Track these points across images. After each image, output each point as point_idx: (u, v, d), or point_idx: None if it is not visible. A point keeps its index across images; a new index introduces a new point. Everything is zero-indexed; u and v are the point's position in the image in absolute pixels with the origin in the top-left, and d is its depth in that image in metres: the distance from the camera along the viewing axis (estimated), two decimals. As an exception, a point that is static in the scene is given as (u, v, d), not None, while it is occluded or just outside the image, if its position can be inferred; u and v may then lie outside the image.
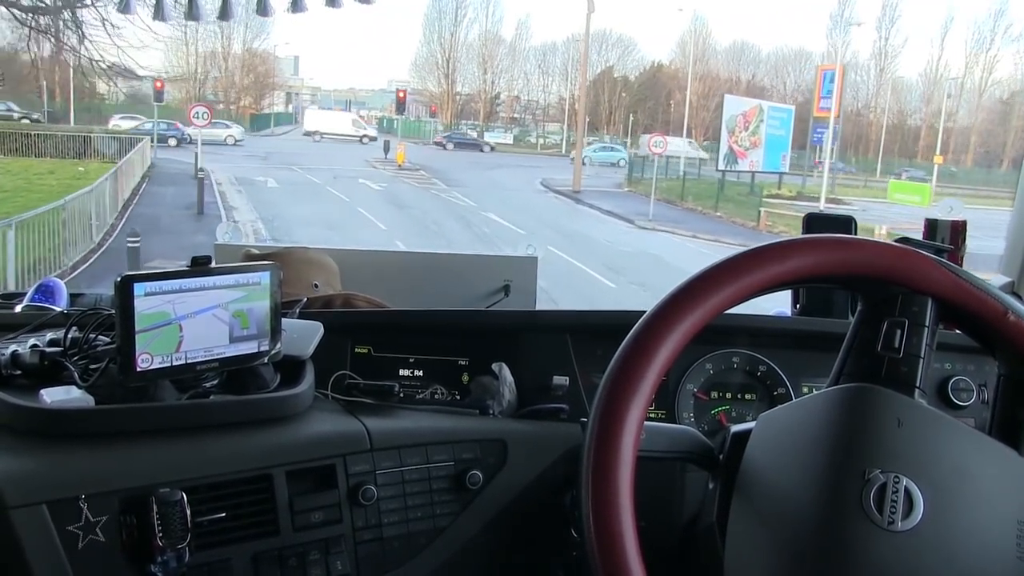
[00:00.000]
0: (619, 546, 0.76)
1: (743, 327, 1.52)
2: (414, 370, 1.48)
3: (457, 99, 51.18)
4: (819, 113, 27.78)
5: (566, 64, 51.68)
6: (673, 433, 1.00)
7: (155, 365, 1.09)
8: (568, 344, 1.48)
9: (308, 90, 57.97)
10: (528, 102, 53.86)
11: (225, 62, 47.12)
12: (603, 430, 0.79)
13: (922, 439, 0.82)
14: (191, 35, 45.44)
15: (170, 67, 46.44)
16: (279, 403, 1.18)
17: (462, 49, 51.12)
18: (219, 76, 47.41)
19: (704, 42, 48.32)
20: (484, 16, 54.53)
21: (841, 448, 0.83)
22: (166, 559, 0.99)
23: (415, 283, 1.88)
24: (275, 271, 1.19)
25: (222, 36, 46.36)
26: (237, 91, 47.61)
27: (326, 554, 1.12)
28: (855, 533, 0.79)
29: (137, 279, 1.06)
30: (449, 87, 50.89)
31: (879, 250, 0.87)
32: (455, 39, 50.76)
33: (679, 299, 0.84)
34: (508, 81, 52.91)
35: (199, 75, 46.35)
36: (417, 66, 52.30)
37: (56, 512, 0.96)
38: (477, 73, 51.90)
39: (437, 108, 49.68)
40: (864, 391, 0.86)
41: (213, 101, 45.46)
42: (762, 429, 0.91)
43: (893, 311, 0.88)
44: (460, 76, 51.66)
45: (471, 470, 1.25)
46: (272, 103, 50.61)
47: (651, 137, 26.40)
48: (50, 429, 1.05)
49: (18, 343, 1.20)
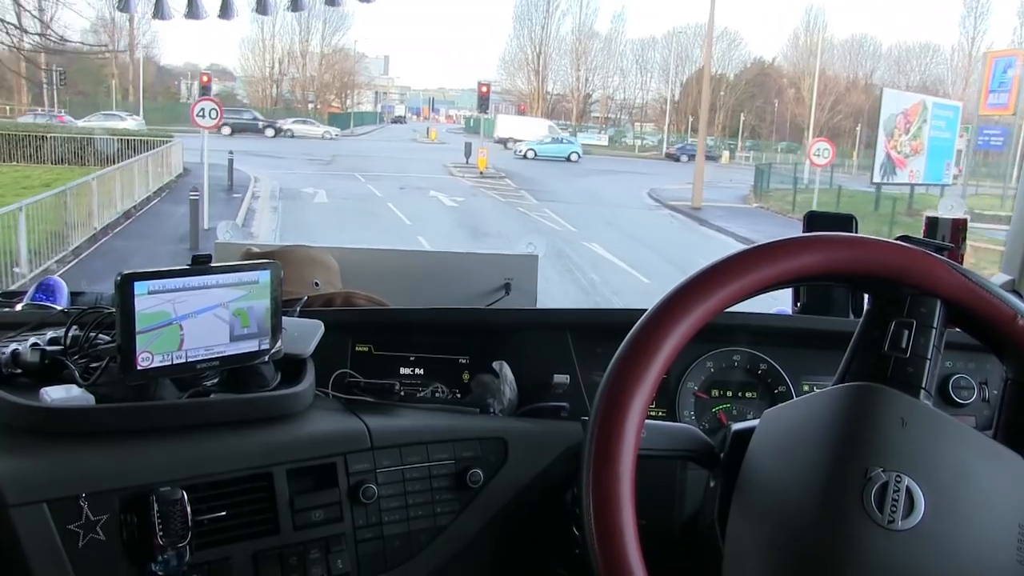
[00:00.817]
0: (620, 544, 0.76)
1: (744, 325, 1.52)
2: (415, 368, 1.48)
3: (548, 98, 48.20)
4: (987, 111, 22.67)
5: (666, 59, 48.41)
6: (674, 431, 1.00)
7: (156, 364, 1.09)
8: (569, 342, 1.48)
9: (397, 89, 57.17)
10: (624, 101, 50.46)
11: (303, 59, 45.66)
12: (604, 428, 0.79)
13: (926, 440, 0.82)
14: (267, 33, 44.89)
15: (247, 66, 46.29)
16: (280, 401, 1.18)
17: (553, 44, 48.22)
18: (297, 75, 45.96)
19: (820, 36, 44.83)
20: (577, 9, 52.11)
21: (844, 446, 0.83)
22: (166, 558, 0.99)
23: (416, 281, 1.87)
24: (275, 269, 1.19)
25: (300, 32, 45.18)
26: (316, 89, 45.97)
27: (326, 553, 1.12)
28: (855, 531, 0.78)
29: (138, 277, 1.06)
30: (539, 85, 47.95)
31: (890, 250, 0.87)
32: (546, 34, 47.84)
33: (682, 296, 0.84)
34: (603, 78, 49.65)
35: (276, 74, 45.31)
36: (506, 63, 49.59)
37: (56, 511, 0.96)
38: (569, 70, 48.79)
39: (526, 107, 46.92)
40: (869, 390, 0.85)
41: (289, 100, 44.83)
42: (766, 426, 0.91)
43: (901, 311, 0.88)
44: (551, 73, 48.62)
45: (472, 468, 1.25)
46: (357, 102, 49.38)
47: (813, 144, 20.84)
48: (51, 428, 1.05)
49: (18, 342, 1.20)
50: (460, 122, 45.63)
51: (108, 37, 40.03)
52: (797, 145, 41.42)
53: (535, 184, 22.86)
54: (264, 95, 45.11)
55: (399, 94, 57.60)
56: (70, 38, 27.38)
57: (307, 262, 1.73)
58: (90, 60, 39.80)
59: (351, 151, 29.27)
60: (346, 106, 47.52)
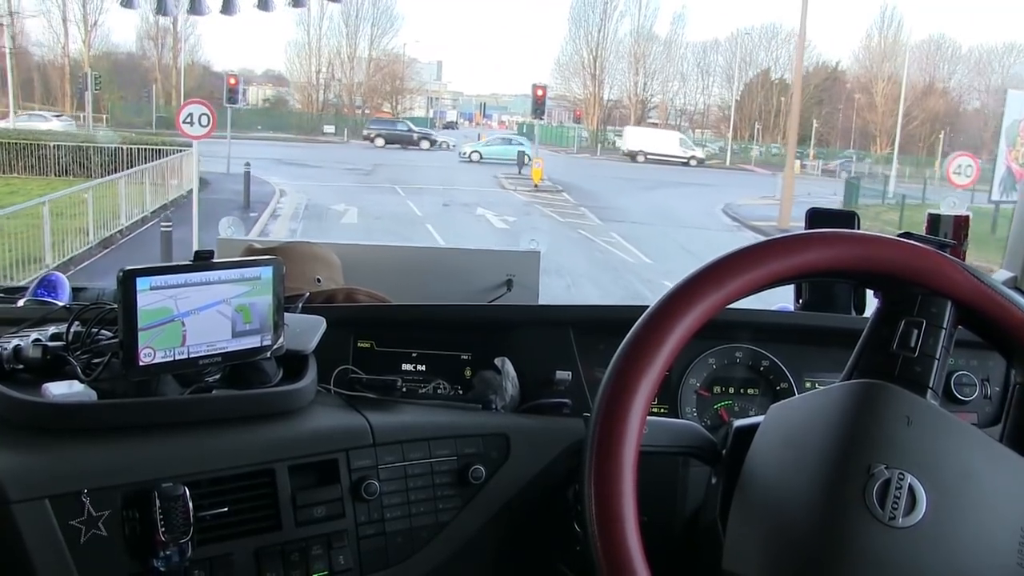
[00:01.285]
0: (622, 540, 0.76)
1: (746, 322, 1.52)
2: (417, 364, 1.48)
3: (604, 103, 45.52)
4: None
5: (730, 63, 45.32)
6: (676, 428, 1.00)
7: (158, 360, 1.09)
8: (571, 339, 1.48)
9: (449, 95, 55.84)
10: (683, 106, 47.41)
11: (351, 63, 43.64)
12: (606, 425, 0.79)
13: (930, 439, 0.82)
14: (313, 35, 42.80)
15: (292, 70, 44.41)
16: (282, 398, 1.18)
17: (611, 47, 45.38)
18: (344, 79, 43.92)
19: (895, 38, 42.31)
20: (636, 10, 47.90)
21: (848, 442, 0.83)
22: (168, 554, 0.99)
23: (418, 278, 1.87)
24: (278, 265, 1.19)
25: (347, 35, 43.12)
26: (363, 94, 44.14)
27: (328, 549, 1.12)
28: (855, 527, 0.79)
29: (140, 273, 1.06)
30: (595, 89, 45.08)
31: (901, 249, 0.87)
32: (603, 36, 44.96)
33: (686, 291, 0.84)
34: (662, 82, 46.55)
35: (323, 78, 43.42)
36: (561, 66, 46.61)
37: (58, 507, 0.96)
38: (627, 74, 45.87)
39: (582, 112, 44.39)
40: (876, 387, 0.85)
41: (337, 104, 43.23)
42: (770, 421, 0.91)
43: (911, 311, 0.88)
44: (608, 77, 45.69)
45: (474, 465, 1.25)
46: (409, 107, 47.52)
47: (952, 159, 15.71)
48: (53, 423, 1.05)
49: (20, 337, 1.20)
50: (512, 127, 43.43)
51: (152, 42, 39.39)
52: (865, 153, 39.27)
53: (597, 199, 19.89)
54: (310, 100, 43.61)
55: (452, 99, 56.28)
56: (115, 42, 26.52)
57: (309, 258, 1.73)
58: (133, 64, 38.96)
59: (396, 160, 26.86)
60: (397, 111, 45.53)
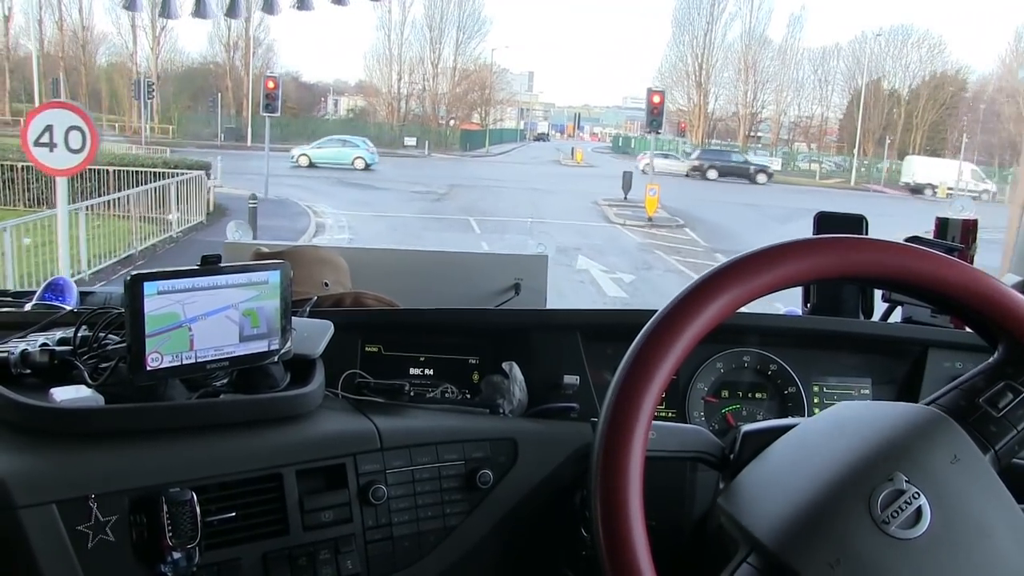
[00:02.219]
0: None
1: (754, 326, 1.52)
2: (424, 369, 1.48)
3: (710, 115, 42.13)
4: None
5: (852, 70, 41.34)
6: (684, 433, 1.00)
7: (165, 364, 1.09)
8: (579, 343, 1.48)
9: (541, 106, 54.17)
10: (798, 118, 43.33)
11: (435, 68, 40.82)
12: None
13: (965, 483, 0.80)
14: (395, 42, 40.48)
15: (372, 78, 42.29)
16: (289, 402, 1.18)
17: (718, 54, 42.30)
18: (428, 87, 41.10)
19: None
20: (747, 12, 43.95)
21: (886, 447, 0.83)
22: (176, 559, 0.99)
23: (425, 282, 1.87)
24: (285, 270, 1.19)
25: (431, 40, 40.45)
26: (447, 104, 41.52)
27: (336, 553, 1.12)
28: (846, 512, 0.79)
29: (147, 278, 1.06)
30: (701, 99, 41.86)
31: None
32: (709, 40, 41.63)
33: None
34: (774, 92, 42.91)
35: (404, 87, 40.86)
36: (662, 75, 42.62)
37: (66, 512, 0.96)
38: (736, 83, 42.32)
39: (687, 125, 40.55)
40: (944, 421, 0.84)
41: (419, 115, 40.77)
42: (827, 412, 0.93)
43: (1018, 376, 0.87)
44: (714, 87, 42.48)
45: (481, 469, 1.24)
46: (498, 118, 44.91)
47: None
48: (60, 428, 1.05)
49: (28, 342, 1.20)
50: (605, 140, 41.17)
51: (224, 47, 38.60)
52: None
53: (726, 237, 15.44)
54: (391, 109, 41.15)
55: (543, 110, 54.76)
56: (183, 51, 25.53)
57: (317, 262, 1.73)
58: (205, 72, 38.16)
59: (477, 177, 23.66)
60: (486, 122, 43.11)
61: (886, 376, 1.58)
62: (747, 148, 39.08)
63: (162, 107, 34.55)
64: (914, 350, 1.57)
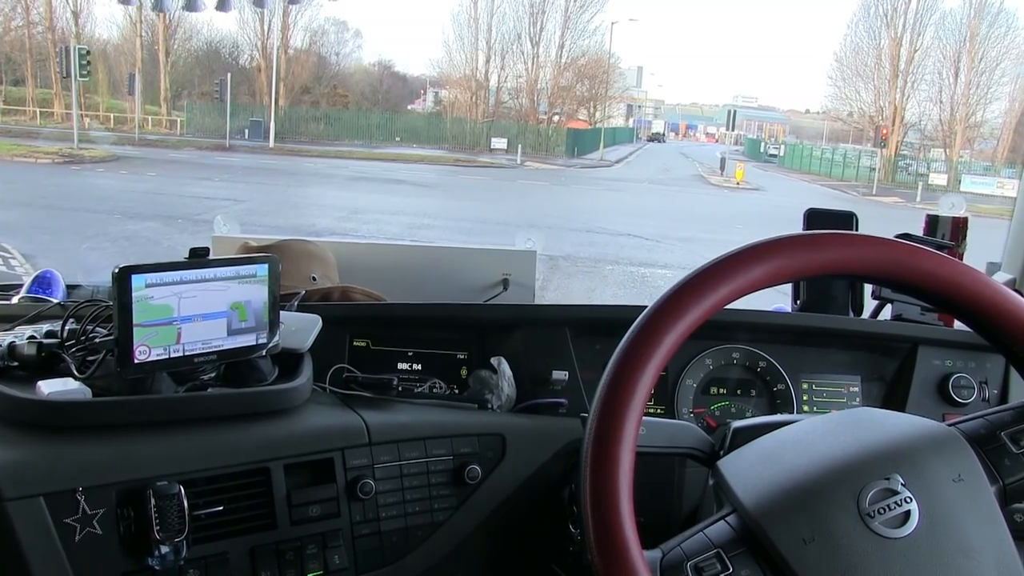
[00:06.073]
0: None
1: (743, 323, 1.52)
2: (413, 364, 1.48)
3: (904, 119, 32.15)
4: None
5: None
6: (673, 429, 1.00)
7: (153, 357, 1.08)
8: (567, 338, 1.48)
9: (651, 103, 50.22)
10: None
11: (535, 49, 32.94)
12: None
13: (963, 501, 0.81)
14: (483, 7, 33.49)
15: (451, 66, 35.19)
16: (277, 396, 1.18)
17: (928, 33, 31.82)
18: (524, 76, 33.49)
19: None
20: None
21: (892, 447, 0.83)
22: (163, 552, 0.99)
23: (413, 276, 1.87)
24: (274, 263, 1.19)
25: (530, 12, 32.94)
26: (549, 98, 33.89)
27: (323, 548, 1.12)
28: (831, 501, 0.79)
29: (135, 270, 1.05)
30: (895, 97, 31.84)
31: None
32: (907, 22, 31.15)
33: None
34: (1010, 83, 31.69)
35: (495, 72, 33.38)
36: (842, 64, 33.05)
37: (53, 504, 0.95)
38: (944, 76, 31.65)
39: (888, 131, 30.45)
40: (957, 441, 0.85)
41: (516, 110, 34.25)
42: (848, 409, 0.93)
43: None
44: (914, 80, 32.02)
45: (470, 464, 1.24)
46: (608, 115, 37.70)
47: None
48: (47, 421, 1.04)
49: (15, 334, 1.19)
50: (723, 142, 32.12)
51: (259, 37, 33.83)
52: None
53: None
54: (473, 102, 33.78)
55: (653, 107, 50.23)
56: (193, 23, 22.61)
57: (305, 256, 1.72)
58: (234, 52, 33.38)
59: (579, 211, 15.31)
60: (594, 120, 35.92)
61: (875, 373, 1.58)
62: (963, 164, 30.47)
63: (172, 93, 28.68)
64: (904, 347, 1.58)
